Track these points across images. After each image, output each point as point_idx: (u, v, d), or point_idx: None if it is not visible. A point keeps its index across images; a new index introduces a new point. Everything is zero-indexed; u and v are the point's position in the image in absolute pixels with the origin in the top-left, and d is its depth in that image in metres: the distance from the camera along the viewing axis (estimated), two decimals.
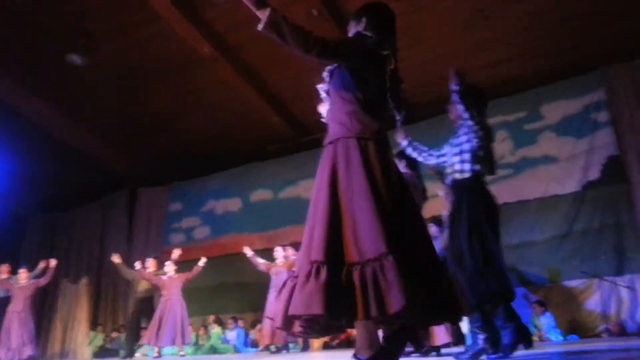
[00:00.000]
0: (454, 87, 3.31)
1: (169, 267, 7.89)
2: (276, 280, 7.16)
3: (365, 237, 1.87)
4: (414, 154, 3.75)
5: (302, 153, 9.68)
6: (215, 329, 9.12)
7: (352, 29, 2.39)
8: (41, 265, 8.33)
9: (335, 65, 2.28)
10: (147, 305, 8.23)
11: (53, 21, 7.34)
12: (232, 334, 9.01)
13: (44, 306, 11.30)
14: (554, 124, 7.59)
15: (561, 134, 7.48)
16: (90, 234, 11.56)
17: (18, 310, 7.78)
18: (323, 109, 2.70)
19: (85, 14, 7.26)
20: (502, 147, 7.74)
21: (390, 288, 1.75)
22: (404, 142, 3.78)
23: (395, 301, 1.72)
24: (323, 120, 2.68)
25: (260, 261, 7.68)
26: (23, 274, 8.06)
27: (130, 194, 11.52)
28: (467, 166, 3.33)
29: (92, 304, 11.18)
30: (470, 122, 3.36)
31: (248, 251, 7.86)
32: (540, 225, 7.28)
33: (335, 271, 1.83)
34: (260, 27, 2.03)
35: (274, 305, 4.17)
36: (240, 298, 9.36)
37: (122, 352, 8.22)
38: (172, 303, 7.58)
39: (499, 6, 6.67)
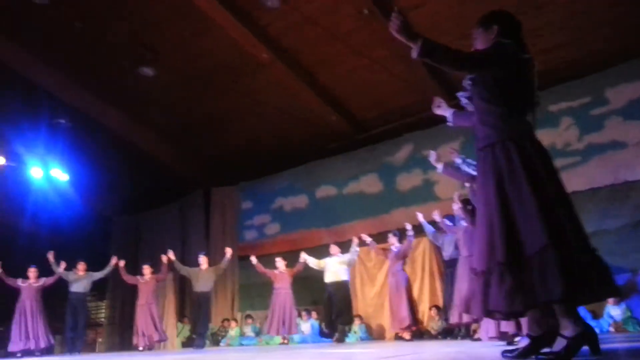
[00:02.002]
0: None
1: (280, 263, 8.60)
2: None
3: (532, 231, 2.07)
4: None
5: (361, 149, 9.80)
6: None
7: (481, 37, 2.48)
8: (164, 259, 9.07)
9: None
10: (204, 301, 8.75)
11: (123, 39, 7.94)
12: (306, 326, 9.39)
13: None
14: (620, 108, 7.13)
15: (628, 117, 7.02)
16: (171, 232, 12.16)
17: (144, 303, 8.82)
18: (442, 112, 2.97)
19: (150, 30, 7.80)
20: (567, 134, 7.42)
21: (555, 275, 1.96)
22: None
23: (558, 287, 1.94)
24: (450, 124, 2.98)
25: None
26: (147, 270, 9.00)
27: (205, 194, 12.06)
28: None
29: (178, 298, 11.97)
30: None
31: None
32: (612, 214, 6.95)
33: (518, 267, 2.06)
34: (414, 55, 2.24)
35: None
36: (312, 291, 9.70)
37: (207, 342, 8.85)
38: (283, 295, 8.35)
39: None
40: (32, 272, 8.81)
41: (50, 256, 8.77)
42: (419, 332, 7.58)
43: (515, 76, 2.33)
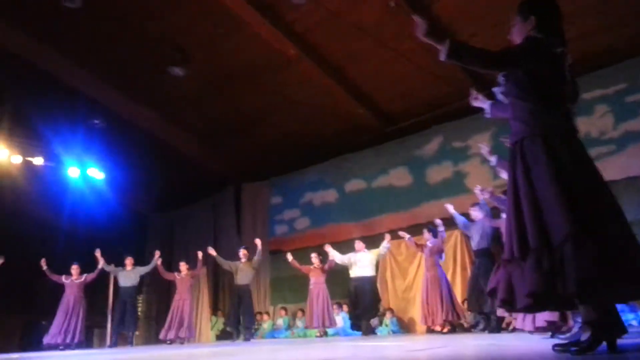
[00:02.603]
0: None
1: (315, 259, 8.80)
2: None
3: (555, 222, 2.08)
4: None
5: (390, 143, 9.75)
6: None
7: (518, 26, 2.47)
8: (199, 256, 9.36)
9: None
10: (245, 294, 8.92)
11: (154, 40, 8.11)
12: (337, 319, 9.45)
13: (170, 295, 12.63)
14: None
15: None
16: (204, 228, 12.37)
17: (179, 299, 9.10)
18: (480, 104, 3.04)
19: (180, 31, 7.94)
20: (602, 122, 7.23)
21: (578, 266, 1.95)
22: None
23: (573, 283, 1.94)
24: (487, 115, 3.04)
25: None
26: (184, 267, 9.27)
27: (236, 190, 12.24)
28: None
29: (212, 292, 12.20)
30: None
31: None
32: None
33: (549, 255, 2.06)
34: (442, 56, 2.29)
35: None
36: (342, 284, 9.74)
37: (241, 336, 9.01)
38: (318, 290, 8.54)
39: None
40: (74, 268, 9.15)
41: (98, 254, 9.12)
42: (452, 326, 7.55)
43: (548, 72, 2.32)
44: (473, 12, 6.98)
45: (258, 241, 9.05)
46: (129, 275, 9.24)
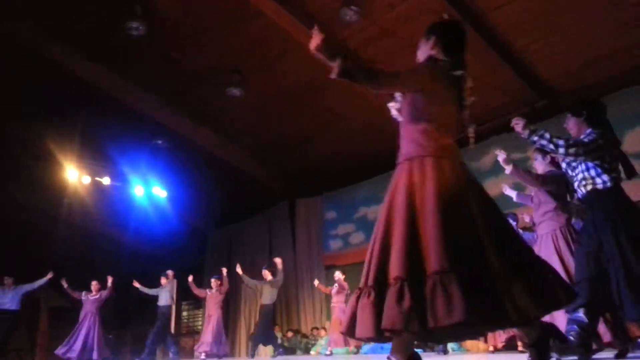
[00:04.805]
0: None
1: (338, 276, 8.91)
2: None
3: (432, 252, 1.94)
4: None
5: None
6: None
7: (421, 46, 2.47)
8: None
9: None
10: (269, 312, 8.92)
11: (212, 63, 8.42)
12: None
13: (229, 310, 12.89)
14: None
15: None
16: (260, 243, 12.61)
17: (210, 315, 9.17)
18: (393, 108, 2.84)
19: (236, 53, 8.21)
20: None
21: (449, 302, 1.81)
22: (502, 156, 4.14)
23: (453, 313, 1.79)
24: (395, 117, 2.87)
25: None
26: (214, 283, 9.40)
27: (290, 205, 12.40)
28: (606, 176, 3.22)
29: None
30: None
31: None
32: None
33: (416, 286, 1.90)
34: (333, 75, 2.23)
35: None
36: None
37: (298, 351, 9.08)
38: (337, 311, 8.66)
39: None
40: (93, 285, 9.42)
41: (137, 284, 9.39)
42: (512, 343, 7.31)
43: (442, 94, 2.28)
44: (528, 21, 6.86)
45: (278, 260, 9.06)
46: (166, 294, 9.35)
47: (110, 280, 9.43)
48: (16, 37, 7.95)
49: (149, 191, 10.59)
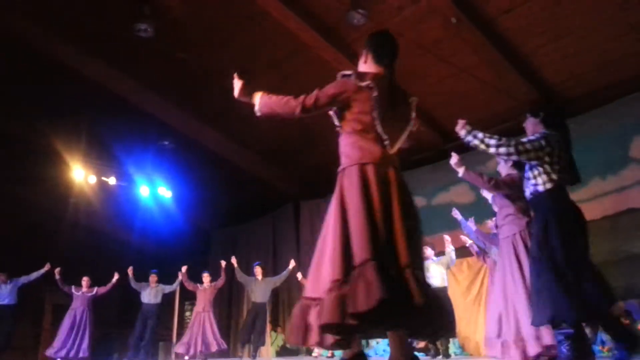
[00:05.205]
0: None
1: None
2: None
3: (357, 247, 2.15)
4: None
5: (450, 159, 9.59)
6: None
7: (361, 57, 2.65)
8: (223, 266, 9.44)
9: None
10: (261, 311, 8.88)
11: (219, 63, 8.42)
12: None
13: (231, 309, 12.91)
14: None
15: None
16: (264, 244, 12.63)
17: (200, 311, 9.01)
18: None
19: (244, 54, 8.20)
20: None
21: (368, 288, 2.00)
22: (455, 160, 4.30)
23: (370, 297, 1.97)
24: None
25: None
26: (206, 278, 9.28)
27: (295, 207, 12.39)
28: (545, 177, 3.21)
29: (272, 307, 12.29)
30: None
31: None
32: None
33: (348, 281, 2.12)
34: (257, 114, 2.50)
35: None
36: None
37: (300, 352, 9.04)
38: None
39: None
40: (84, 281, 9.26)
41: (130, 272, 9.21)
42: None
43: (362, 107, 2.43)
44: (536, 25, 6.85)
45: (292, 262, 9.06)
46: (151, 292, 9.25)
47: (116, 276, 9.36)
48: (24, 38, 7.99)
49: (154, 191, 10.62)
